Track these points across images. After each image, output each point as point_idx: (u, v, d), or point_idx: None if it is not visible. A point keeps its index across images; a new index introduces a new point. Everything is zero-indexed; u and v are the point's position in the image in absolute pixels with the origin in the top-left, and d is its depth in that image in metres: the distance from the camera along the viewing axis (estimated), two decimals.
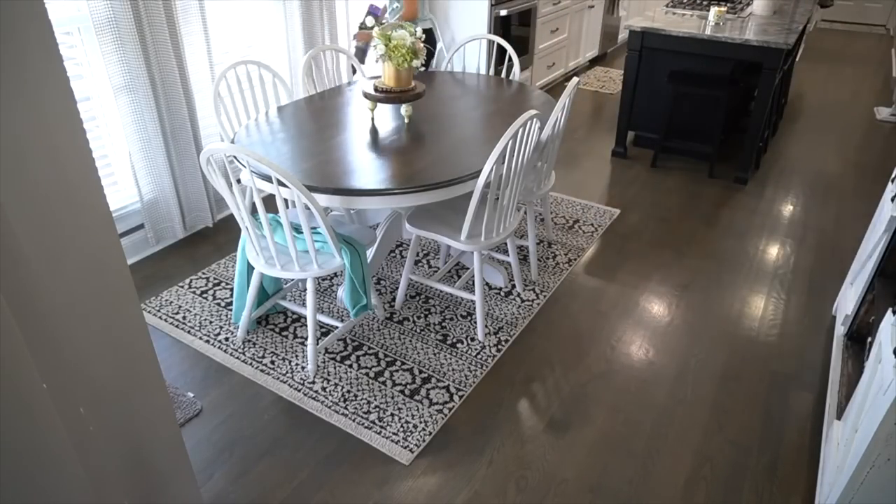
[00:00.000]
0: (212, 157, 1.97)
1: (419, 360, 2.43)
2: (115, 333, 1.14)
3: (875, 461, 1.41)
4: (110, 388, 1.16)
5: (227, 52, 3.22)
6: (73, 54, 2.63)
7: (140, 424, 1.27)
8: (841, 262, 3.07)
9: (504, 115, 2.70)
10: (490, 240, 2.32)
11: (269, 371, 2.36)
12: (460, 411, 2.21)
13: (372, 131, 2.54)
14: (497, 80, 3.26)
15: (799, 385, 2.38)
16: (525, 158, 2.23)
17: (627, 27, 4.00)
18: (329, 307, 2.72)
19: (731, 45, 3.64)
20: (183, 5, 2.82)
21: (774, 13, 4.25)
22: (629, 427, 2.18)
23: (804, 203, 3.71)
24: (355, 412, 2.19)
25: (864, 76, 6.31)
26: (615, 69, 6.27)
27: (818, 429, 2.14)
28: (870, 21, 8.29)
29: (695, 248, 3.21)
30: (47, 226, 0.96)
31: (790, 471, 2.02)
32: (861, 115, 5.20)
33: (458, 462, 2.03)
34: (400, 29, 2.45)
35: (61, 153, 0.95)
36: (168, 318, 2.62)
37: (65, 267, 1.01)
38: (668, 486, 1.98)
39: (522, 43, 4.86)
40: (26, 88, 0.88)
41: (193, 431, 2.12)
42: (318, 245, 2.19)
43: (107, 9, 2.50)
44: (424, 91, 2.62)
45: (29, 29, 0.86)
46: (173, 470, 1.41)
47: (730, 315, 2.76)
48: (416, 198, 2.15)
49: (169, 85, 2.83)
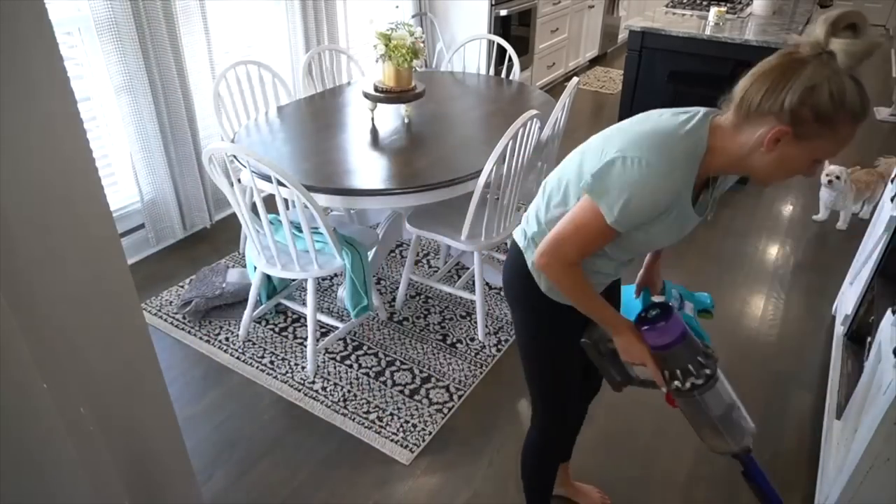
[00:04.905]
0: (213, 156, 1.97)
1: (419, 360, 2.43)
2: (115, 333, 1.14)
3: (875, 461, 1.41)
4: (110, 389, 1.16)
5: (228, 52, 3.21)
6: (74, 54, 2.63)
7: (140, 424, 1.27)
8: (841, 262, 3.06)
9: (504, 115, 2.69)
10: (490, 240, 2.32)
11: (269, 371, 2.36)
12: (460, 411, 2.21)
13: (372, 131, 2.54)
14: (497, 80, 3.26)
15: (799, 385, 2.38)
16: (525, 158, 2.23)
17: (627, 27, 4.00)
18: (329, 307, 2.72)
19: (731, 45, 3.65)
20: (183, 5, 2.82)
21: (774, 13, 4.25)
22: (629, 427, 2.18)
23: (804, 203, 3.71)
24: (355, 412, 2.19)
25: (864, 76, 6.29)
26: (615, 69, 6.27)
27: (818, 429, 2.13)
28: (870, 21, 8.29)
29: (694, 248, 3.21)
30: (47, 226, 0.96)
31: (790, 471, 2.02)
32: None
33: (458, 462, 2.03)
34: (400, 29, 2.45)
35: (61, 153, 0.95)
36: (168, 318, 2.62)
37: (65, 267, 1.01)
38: (668, 485, 1.98)
39: (522, 43, 4.86)
40: (27, 88, 0.88)
41: (193, 431, 2.12)
42: (319, 245, 2.19)
43: (107, 9, 2.50)
44: (424, 91, 2.62)
45: (29, 29, 0.86)
46: (173, 470, 1.41)
47: (730, 315, 2.76)
48: (416, 198, 2.15)
49: (169, 85, 2.83)
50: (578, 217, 1.17)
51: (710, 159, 1.12)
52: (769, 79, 1.03)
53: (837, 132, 1.02)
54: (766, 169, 1.10)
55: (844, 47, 0.99)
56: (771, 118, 1.03)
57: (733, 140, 1.10)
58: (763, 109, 1.03)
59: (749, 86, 1.05)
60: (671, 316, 1.23)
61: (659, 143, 1.11)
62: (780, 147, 1.05)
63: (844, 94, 0.99)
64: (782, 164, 1.08)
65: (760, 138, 1.05)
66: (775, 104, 1.01)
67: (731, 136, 1.10)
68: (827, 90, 0.98)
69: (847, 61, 0.99)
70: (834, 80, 0.99)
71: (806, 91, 0.99)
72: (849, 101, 0.99)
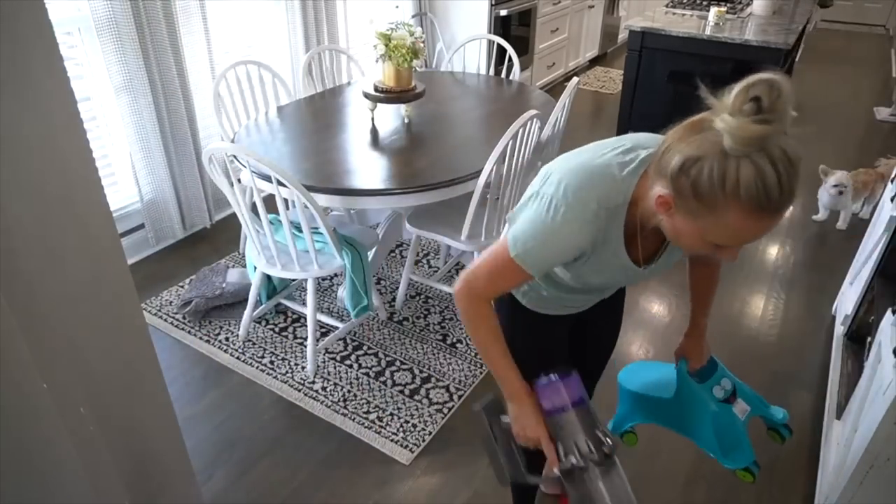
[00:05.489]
0: (213, 156, 1.97)
1: (419, 360, 2.43)
2: (115, 333, 1.14)
3: (875, 461, 1.41)
4: (110, 388, 1.16)
5: (228, 52, 3.21)
6: (73, 54, 2.63)
7: (140, 424, 1.27)
8: (841, 262, 3.06)
9: (504, 116, 2.69)
10: (490, 240, 2.32)
11: (269, 371, 2.36)
12: (460, 411, 2.21)
13: (372, 131, 2.54)
14: (497, 80, 3.26)
15: (799, 385, 2.38)
16: (525, 158, 2.23)
17: (627, 27, 4.00)
18: (329, 307, 2.72)
19: (731, 45, 3.65)
20: (183, 5, 2.82)
21: (774, 13, 4.25)
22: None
23: (804, 203, 3.71)
24: (355, 412, 2.19)
25: (864, 76, 6.31)
26: (615, 69, 6.27)
27: (818, 429, 2.13)
28: (869, 21, 8.29)
29: None
30: (47, 226, 0.96)
31: (790, 471, 2.02)
32: (861, 115, 5.20)
33: (458, 462, 2.03)
34: (400, 29, 2.45)
35: (61, 153, 0.95)
36: (168, 318, 2.62)
37: (65, 267, 1.01)
38: (668, 485, 1.98)
39: (522, 43, 4.86)
40: (27, 88, 0.88)
41: (193, 431, 2.12)
42: (319, 245, 2.19)
43: (107, 9, 2.50)
44: (425, 91, 2.62)
45: (29, 29, 0.86)
46: (173, 470, 1.41)
47: (730, 315, 2.76)
48: (416, 198, 2.15)
49: (169, 85, 2.83)
50: (496, 248, 1.09)
51: (633, 210, 1.02)
52: (677, 134, 0.91)
53: (721, 217, 0.87)
54: (671, 235, 0.99)
55: (730, 127, 0.82)
56: (664, 180, 0.92)
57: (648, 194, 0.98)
58: (661, 167, 0.92)
59: (667, 136, 0.94)
60: (571, 376, 1.11)
61: (585, 185, 1.01)
62: (673, 216, 0.94)
63: (725, 179, 0.83)
64: (679, 237, 0.97)
65: (654, 200, 0.95)
66: (667, 166, 0.90)
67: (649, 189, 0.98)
68: (708, 167, 0.85)
69: (732, 144, 0.82)
70: (718, 159, 0.84)
71: (688, 160, 0.87)
72: (735, 188, 0.83)
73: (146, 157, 2.86)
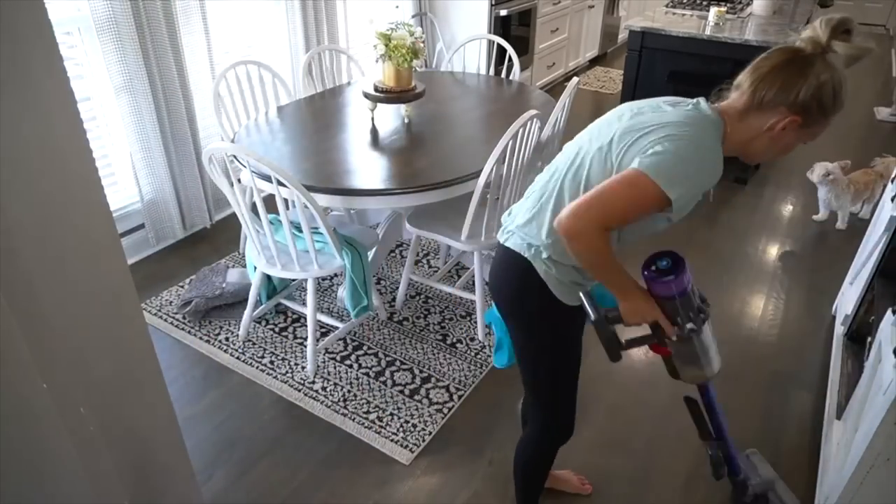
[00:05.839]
0: (213, 156, 1.97)
1: (419, 360, 2.43)
2: (115, 333, 1.14)
3: (875, 461, 1.41)
4: (110, 388, 1.16)
5: (228, 52, 3.21)
6: (73, 54, 2.63)
7: (140, 424, 1.27)
8: (841, 262, 3.06)
9: (504, 116, 2.69)
10: (490, 240, 2.32)
11: (269, 371, 2.36)
12: (460, 411, 2.21)
13: (372, 131, 2.54)
14: (497, 80, 3.26)
15: (799, 385, 2.38)
16: (525, 158, 2.23)
17: (627, 27, 4.00)
18: (329, 307, 2.72)
19: (731, 45, 3.65)
20: (183, 5, 2.82)
21: (774, 13, 4.25)
22: (629, 427, 2.18)
23: (804, 203, 3.71)
24: (355, 412, 2.19)
25: (864, 76, 6.31)
26: (615, 69, 6.27)
27: (818, 429, 2.13)
28: (870, 21, 8.29)
29: (694, 248, 3.21)
30: (47, 226, 0.96)
31: (790, 471, 2.02)
32: (861, 115, 5.20)
33: (458, 462, 2.03)
34: (400, 29, 2.45)
35: (61, 153, 0.95)
36: (168, 318, 2.62)
37: (65, 267, 1.01)
38: (668, 485, 1.98)
39: (522, 43, 4.86)
40: (27, 88, 0.88)
41: (193, 431, 2.12)
42: (319, 245, 2.19)
43: (107, 9, 2.50)
44: (425, 91, 2.62)
45: (29, 29, 0.86)
46: (173, 470, 1.41)
47: (730, 315, 2.76)
48: (416, 198, 2.15)
49: (169, 85, 2.83)
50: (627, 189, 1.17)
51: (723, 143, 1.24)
52: (782, 74, 1.17)
53: (828, 121, 1.19)
54: (763, 151, 1.26)
55: (844, 49, 1.14)
56: (782, 108, 1.18)
57: (738, 125, 1.24)
58: (776, 101, 1.17)
59: (760, 80, 1.19)
60: (684, 267, 1.28)
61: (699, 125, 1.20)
62: (788, 133, 1.20)
63: (841, 90, 1.16)
64: (780, 147, 1.25)
65: (771, 125, 1.20)
66: (788, 97, 1.16)
67: (737, 121, 1.24)
68: (831, 86, 1.14)
69: (844, 62, 1.15)
70: (836, 77, 1.14)
71: (817, 87, 1.14)
72: (842, 96, 1.16)
73: (146, 157, 2.86)
